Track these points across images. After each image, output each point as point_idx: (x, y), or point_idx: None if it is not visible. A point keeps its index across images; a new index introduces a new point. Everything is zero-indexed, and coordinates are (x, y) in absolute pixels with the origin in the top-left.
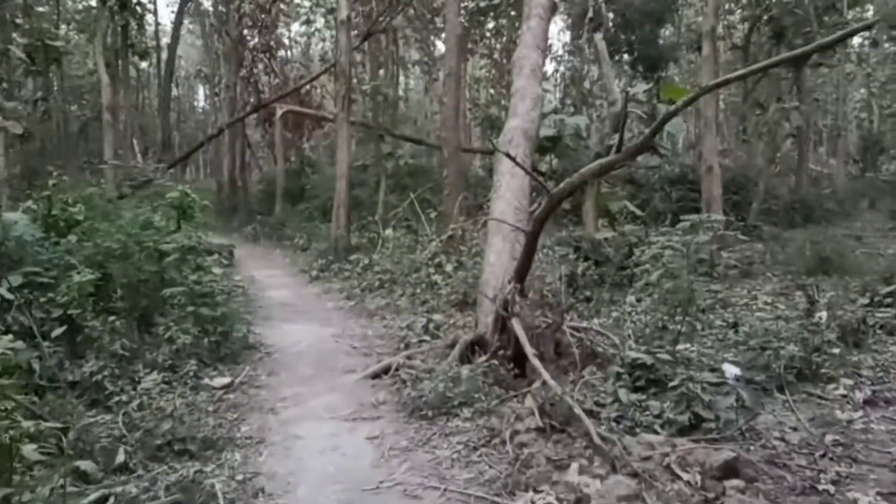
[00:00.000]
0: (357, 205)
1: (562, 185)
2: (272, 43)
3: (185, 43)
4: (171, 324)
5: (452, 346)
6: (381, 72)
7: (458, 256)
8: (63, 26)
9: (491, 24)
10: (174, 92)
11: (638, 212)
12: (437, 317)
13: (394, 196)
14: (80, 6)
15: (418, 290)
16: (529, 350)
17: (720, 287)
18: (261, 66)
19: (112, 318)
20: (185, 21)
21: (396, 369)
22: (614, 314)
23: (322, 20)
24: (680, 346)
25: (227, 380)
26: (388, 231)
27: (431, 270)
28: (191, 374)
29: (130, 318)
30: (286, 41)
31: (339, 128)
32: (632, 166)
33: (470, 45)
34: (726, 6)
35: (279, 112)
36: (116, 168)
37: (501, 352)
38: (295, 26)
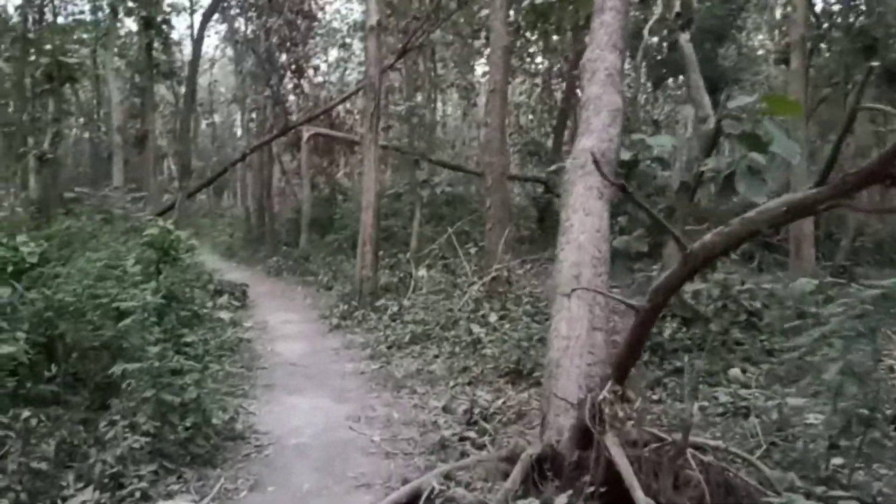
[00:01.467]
0: (388, 236)
1: (708, 238)
2: (301, 61)
3: (224, 69)
4: (118, 416)
5: (510, 459)
6: (418, 95)
7: (502, 302)
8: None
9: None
10: (213, 118)
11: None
12: (483, 394)
13: (429, 227)
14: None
15: (457, 350)
16: (639, 494)
17: None
18: (289, 85)
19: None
20: (221, 45)
21: (430, 498)
22: (722, 397)
23: (359, 43)
24: (862, 476)
25: (188, 503)
26: (422, 271)
27: (475, 326)
28: (137, 495)
29: (73, 405)
30: (321, 64)
31: (365, 151)
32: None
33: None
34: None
35: (306, 135)
36: (90, 197)
37: (585, 478)
38: (333, 53)
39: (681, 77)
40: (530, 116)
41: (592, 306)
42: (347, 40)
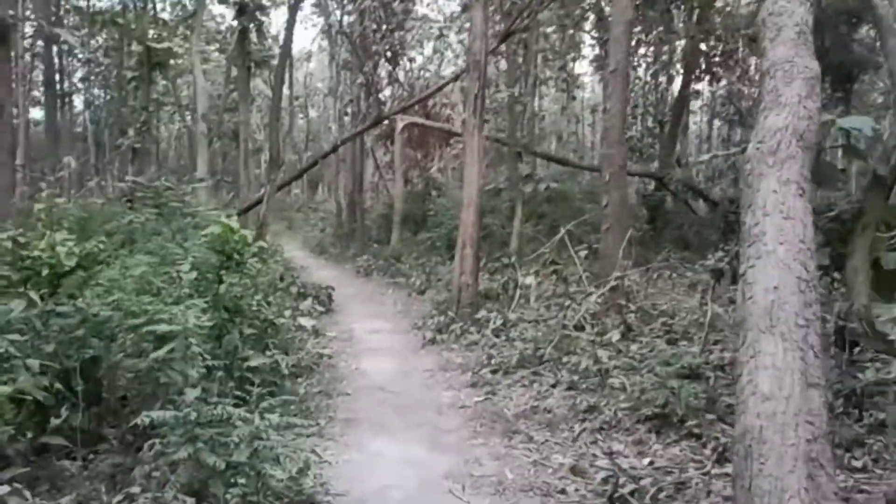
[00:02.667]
0: (486, 236)
1: None
2: (396, 48)
3: (321, 63)
4: (139, 486)
5: None
6: (517, 88)
7: (623, 317)
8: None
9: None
10: (308, 112)
11: None
12: (621, 448)
13: (529, 226)
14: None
15: (577, 379)
16: None
17: None
18: (383, 72)
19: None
20: (318, 37)
21: None
22: None
23: (455, 35)
24: None
25: None
26: (530, 279)
27: (601, 352)
28: None
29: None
30: (417, 57)
31: (468, 138)
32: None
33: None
34: None
35: (400, 125)
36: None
37: None
38: (429, 47)
39: None
40: (635, 106)
41: (805, 351)
42: (444, 31)
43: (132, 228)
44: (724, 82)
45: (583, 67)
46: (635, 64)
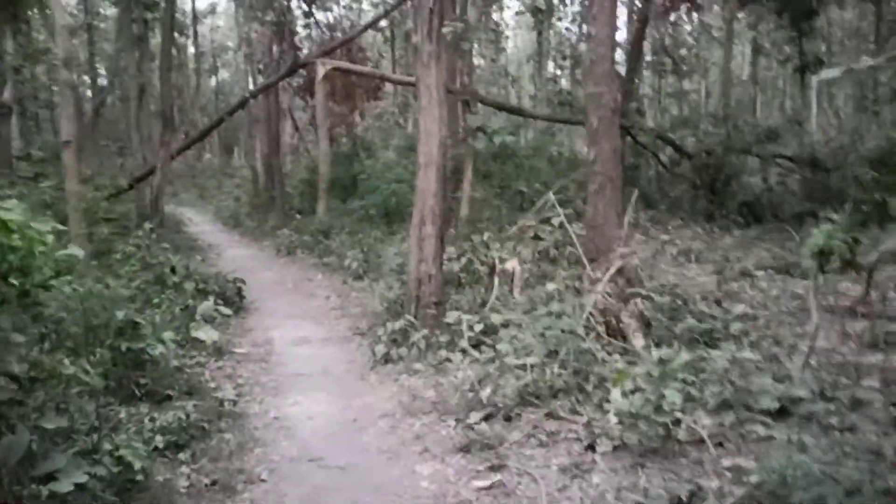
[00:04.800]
0: None
1: None
2: None
3: (228, 17)
4: None
5: None
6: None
7: (638, 309)
8: None
9: None
10: (222, 74)
11: None
12: None
13: (478, 188)
14: None
15: (621, 427)
16: None
17: None
18: (298, 13)
19: None
20: None
21: None
22: None
23: None
24: None
25: None
26: (511, 262)
27: (637, 369)
28: None
29: None
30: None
31: (422, 72)
32: None
33: None
34: None
35: (321, 71)
36: None
37: None
38: None
39: None
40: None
41: None
42: None
43: None
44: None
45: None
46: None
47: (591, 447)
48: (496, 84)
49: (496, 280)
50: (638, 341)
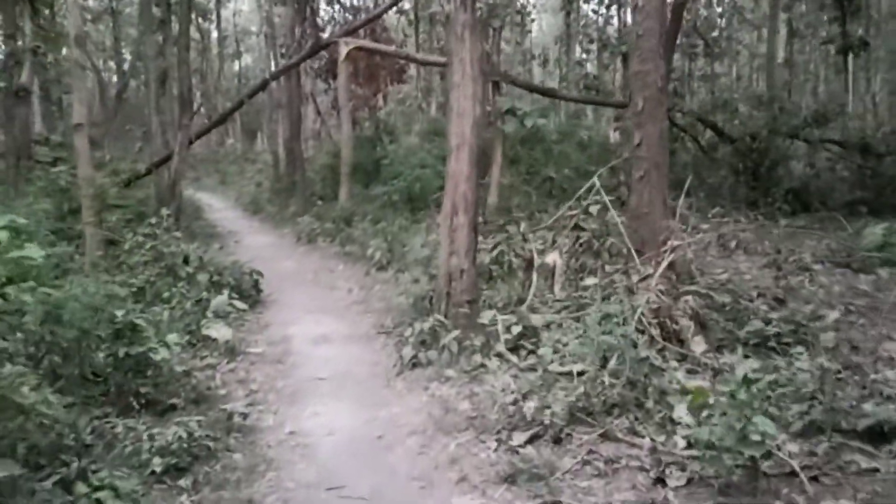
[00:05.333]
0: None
1: None
2: None
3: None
4: None
5: None
6: None
7: (693, 308)
8: None
9: None
10: (246, 59)
11: None
12: None
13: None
14: None
15: (677, 444)
16: None
17: None
18: None
19: None
20: None
21: None
22: None
23: None
24: None
25: None
26: (552, 256)
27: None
28: None
29: None
30: None
31: (456, 44)
32: None
33: None
34: None
35: (343, 51)
36: None
37: None
38: None
39: None
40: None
41: None
42: None
43: None
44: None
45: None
46: None
47: (661, 480)
48: (524, 66)
49: (534, 275)
50: (698, 346)
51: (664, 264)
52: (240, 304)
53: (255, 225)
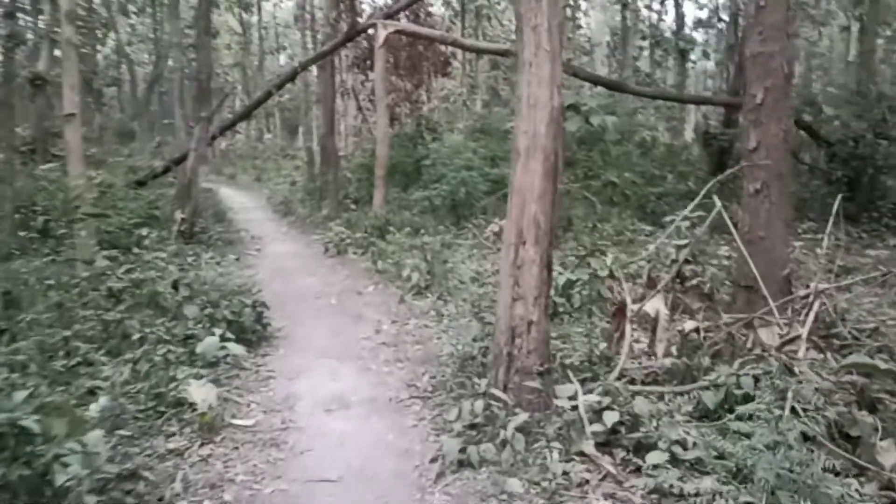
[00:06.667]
0: (504, 197)
1: None
2: None
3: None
4: None
5: None
6: None
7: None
8: None
9: None
10: (285, 56)
11: None
12: None
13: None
14: None
15: None
16: None
17: None
18: None
19: None
20: None
21: None
22: None
23: None
24: None
25: None
26: (654, 303)
27: None
28: None
29: None
30: None
31: (528, 16)
32: None
33: None
34: None
35: (382, 34)
36: None
37: None
38: None
39: None
40: None
41: None
42: None
43: None
44: None
45: None
46: None
47: None
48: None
49: (627, 328)
50: (888, 455)
51: (810, 318)
52: (236, 348)
53: (283, 229)
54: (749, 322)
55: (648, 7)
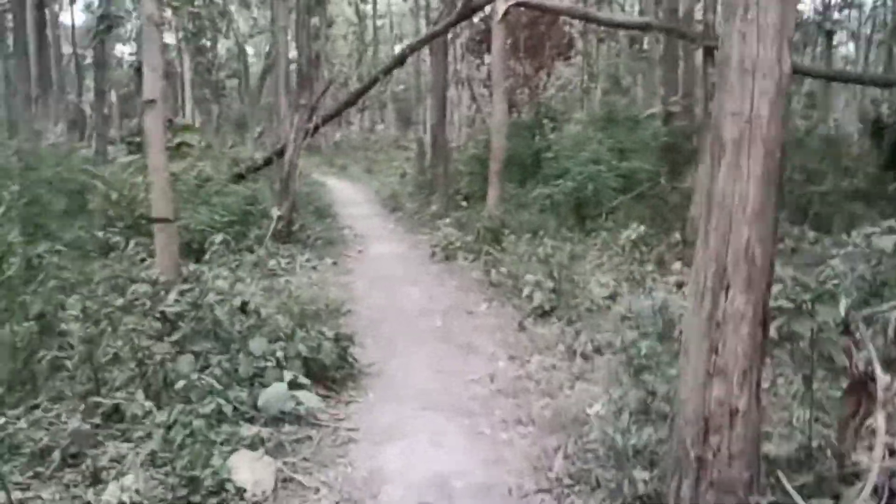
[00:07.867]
0: (638, 197)
1: None
2: None
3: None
4: None
5: None
6: None
7: None
8: None
9: None
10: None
11: None
12: None
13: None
14: None
15: None
16: None
17: None
18: None
19: None
20: None
21: None
22: None
23: None
24: None
25: None
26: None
27: None
28: None
29: None
30: None
31: None
32: None
33: None
34: None
35: (501, 7)
36: None
37: None
38: None
39: None
40: None
41: None
42: None
43: None
44: None
45: None
46: None
47: None
48: None
49: (880, 418)
50: None
51: None
52: (309, 398)
53: (390, 226)
54: None
55: None
